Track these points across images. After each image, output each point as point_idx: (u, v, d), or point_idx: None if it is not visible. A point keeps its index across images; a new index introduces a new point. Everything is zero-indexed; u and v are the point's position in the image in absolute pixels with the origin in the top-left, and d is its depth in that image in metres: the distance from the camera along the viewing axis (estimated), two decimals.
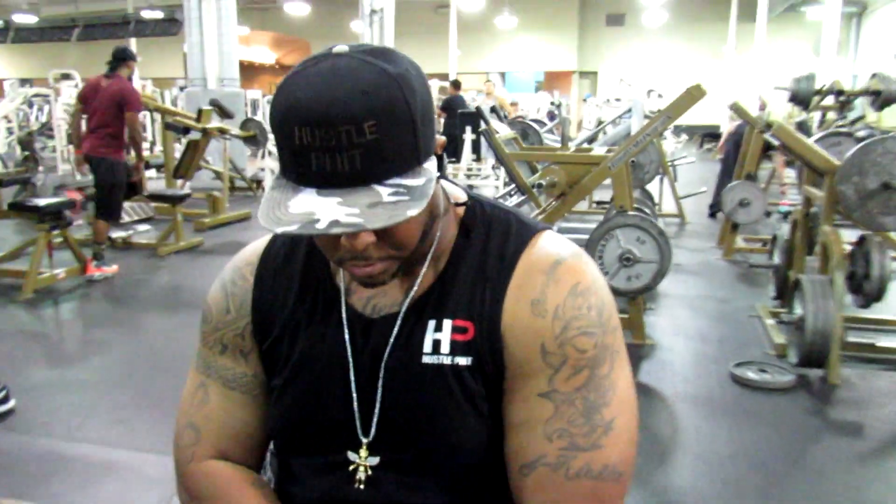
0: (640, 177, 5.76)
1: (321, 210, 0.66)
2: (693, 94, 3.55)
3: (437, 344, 0.82)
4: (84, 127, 5.18)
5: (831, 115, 7.68)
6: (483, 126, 3.86)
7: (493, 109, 8.05)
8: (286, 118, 0.67)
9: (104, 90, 4.96)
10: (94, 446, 2.62)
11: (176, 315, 4.39)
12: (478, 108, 4.24)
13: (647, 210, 5.03)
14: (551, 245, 0.83)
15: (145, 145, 11.78)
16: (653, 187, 7.09)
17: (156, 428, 2.80)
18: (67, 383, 3.27)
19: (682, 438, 2.74)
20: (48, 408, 2.98)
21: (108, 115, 4.93)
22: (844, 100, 6.72)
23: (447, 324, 0.82)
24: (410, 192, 0.68)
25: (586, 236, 5.69)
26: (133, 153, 5.29)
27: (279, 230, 0.66)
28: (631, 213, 3.62)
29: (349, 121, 0.65)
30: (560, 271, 0.80)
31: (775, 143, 4.13)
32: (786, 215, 6.82)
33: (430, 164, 0.72)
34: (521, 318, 0.79)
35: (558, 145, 6.43)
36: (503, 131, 4.50)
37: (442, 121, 9.53)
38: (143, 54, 17.34)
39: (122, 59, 5.03)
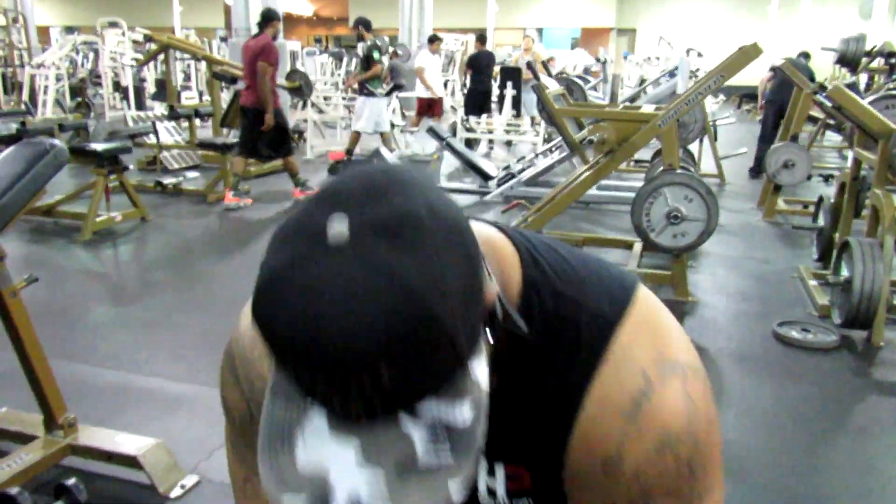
0: (684, 136, 5.65)
1: (336, 471, 0.47)
2: (749, 54, 3.46)
3: (491, 491, 0.68)
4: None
5: (879, 79, 7.42)
6: (532, 81, 3.81)
7: (528, 65, 7.94)
8: (273, 344, 0.48)
9: (248, 49, 5.46)
10: (162, 380, 2.72)
11: (225, 259, 4.47)
12: (529, 64, 4.17)
13: (689, 170, 4.95)
14: (637, 358, 0.61)
15: (192, 93, 11.84)
16: (692, 148, 6.95)
17: (214, 364, 2.88)
18: (130, 321, 3.37)
19: (727, 394, 2.75)
20: (115, 343, 3.08)
21: (250, 70, 5.43)
22: (895, 62, 6.48)
23: (500, 469, 0.67)
24: (452, 440, 0.48)
25: (628, 194, 5.66)
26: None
27: (286, 499, 0.48)
28: (679, 171, 3.57)
29: (358, 366, 0.45)
30: (645, 416, 0.59)
31: (828, 104, 4.01)
32: (827, 178, 6.66)
33: (478, 365, 0.50)
34: (588, 475, 0.61)
35: (602, 102, 6.32)
36: (552, 87, 4.44)
37: (468, 76, 9.38)
38: (185, 4, 17.28)
39: (267, 19, 5.48)
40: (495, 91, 9.50)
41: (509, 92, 7.31)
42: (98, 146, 4.85)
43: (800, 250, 4.80)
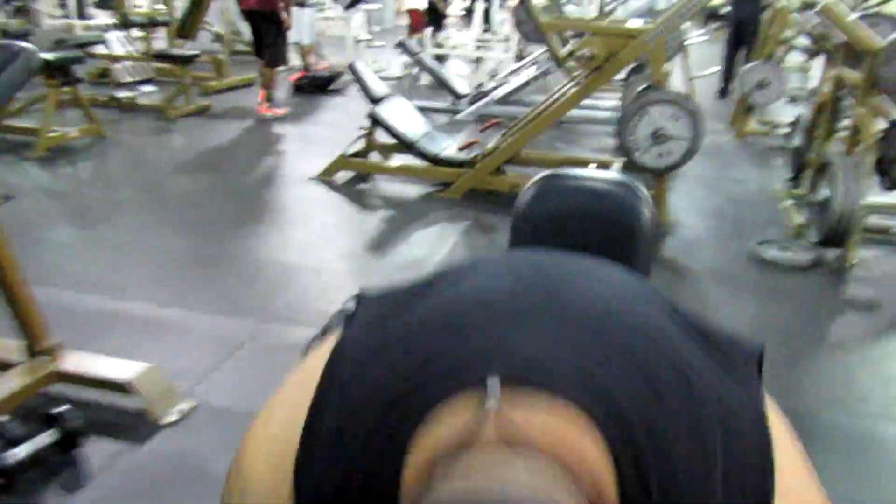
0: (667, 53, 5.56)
1: None
2: None
3: None
4: None
5: None
6: None
7: None
8: None
9: None
10: (144, 304, 2.63)
11: (194, 177, 4.31)
12: None
13: None
14: None
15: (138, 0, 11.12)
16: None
17: (199, 287, 2.82)
18: (100, 242, 3.24)
19: (707, 310, 2.81)
20: (87, 266, 2.97)
21: None
22: None
23: None
24: None
25: (605, 114, 5.60)
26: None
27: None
28: (666, 89, 3.51)
29: None
30: None
31: (810, 23, 3.97)
32: (793, 99, 6.69)
33: None
34: None
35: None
36: None
37: None
38: None
39: None
40: (459, 3, 9.17)
41: (480, 4, 7.04)
42: (48, 55, 4.53)
43: (772, 170, 4.86)
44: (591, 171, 0.99)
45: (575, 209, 0.95)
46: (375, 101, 4.18)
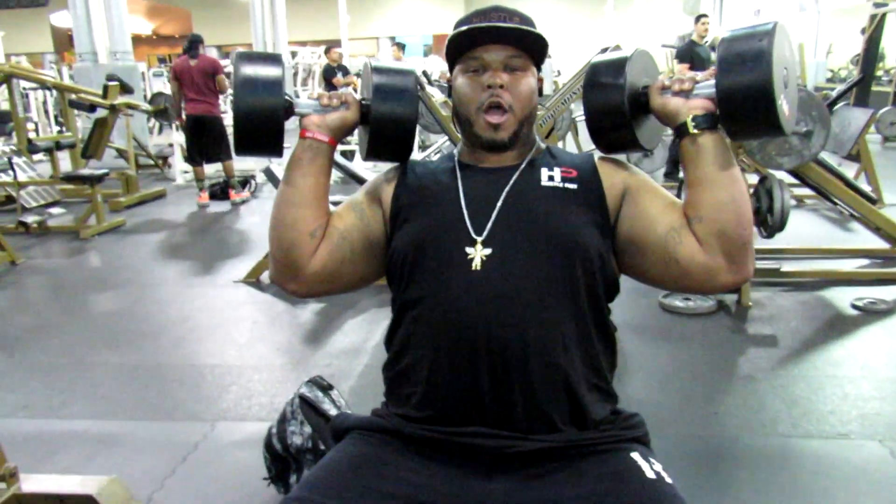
0: (559, 134, 6.09)
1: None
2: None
3: (551, 178, 1.27)
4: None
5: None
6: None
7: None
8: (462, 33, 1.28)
9: (198, 67, 6.56)
10: (87, 421, 2.65)
11: (117, 293, 4.32)
12: (424, 72, 4.35)
13: None
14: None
15: (30, 125, 11.05)
16: (561, 145, 7.46)
17: (143, 397, 2.85)
18: (32, 367, 3.22)
19: (632, 361, 3.08)
20: (21, 392, 2.95)
21: (203, 84, 6.59)
22: None
23: (557, 169, 1.28)
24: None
25: None
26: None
27: (465, 27, 1.25)
28: None
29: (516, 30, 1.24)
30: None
31: None
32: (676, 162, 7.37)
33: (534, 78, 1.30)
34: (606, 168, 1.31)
35: None
36: (436, 95, 4.66)
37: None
38: (6, 28, 16.02)
39: (199, 40, 6.64)
40: None
41: None
42: None
43: None
44: None
45: None
46: None
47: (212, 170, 7.34)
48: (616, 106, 1.25)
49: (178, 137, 8.24)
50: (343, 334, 3.53)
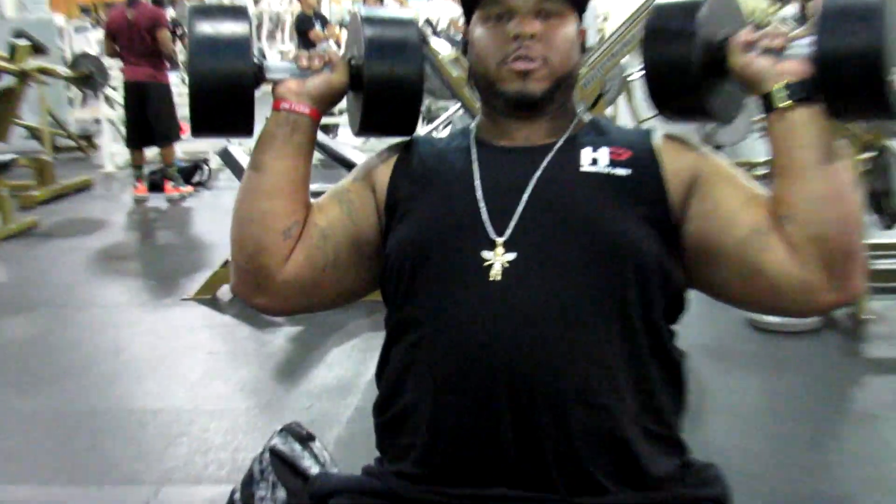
0: (608, 98, 6.07)
1: None
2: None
3: (595, 161, 1.25)
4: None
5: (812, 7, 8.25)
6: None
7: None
8: None
9: (135, 19, 6.58)
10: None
11: (29, 319, 4.32)
12: (427, 21, 4.36)
13: None
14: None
15: None
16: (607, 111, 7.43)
17: (67, 455, 2.84)
18: None
19: (710, 396, 3.05)
20: None
21: (141, 42, 6.62)
22: None
23: (604, 150, 1.26)
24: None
25: None
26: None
27: None
28: None
29: None
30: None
31: None
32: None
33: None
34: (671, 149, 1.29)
35: None
36: (441, 49, 4.66)
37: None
38: None
39: None
40: None
41: None
42: None
43: None
44: None
45: None
46: None
47: (154, 152, 7.39)
48: (684, 62, 1.24)
49: (107, 111, 8.30)
50: (327, 367, 3.53)
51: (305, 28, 9.47)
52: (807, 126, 1.14)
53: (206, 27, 1.27)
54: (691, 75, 1.25)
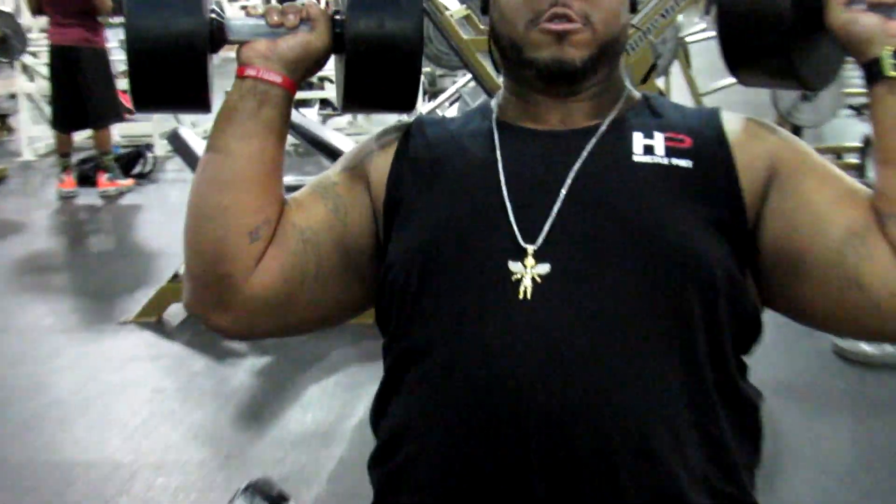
0: (660, 66, 6.09)
1: None
2: None
3: (649, 148, 1.25)
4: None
5: None
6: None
7: None
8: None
9: None
10: None
11: None
12: None
13: None
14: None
15: None
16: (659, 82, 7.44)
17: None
18: None
19: (792, 444, 3.05)
20: None
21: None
22: None
23: (659, 135, 1.26)
24: None
25: None
26: None
27: None
28: None
29: None
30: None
31: None
32: (859, 109, 7.32)
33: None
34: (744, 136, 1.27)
35: None
36: (451, 4, 4.66)
37: None
38: None
39: None
40: None
41: None
42: None
43: None
44: None
45: None
46: None
47: (85, 136, 7.41)
48: (774, 8, 1.23)
49: (26, 84, 8.32)
50: (302, 408, 3.53)
51: None
52: None
53: None
54: (781, 29, 1.24)
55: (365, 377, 3.69)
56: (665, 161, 1.24)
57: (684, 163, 1.24)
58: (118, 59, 7.15)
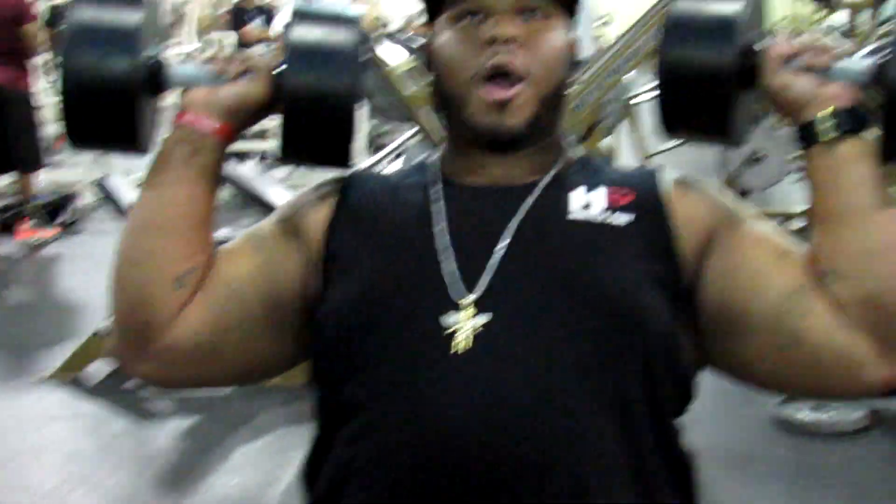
0: (607, 126, 6.17)
1: None
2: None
3: (588, 205, 1.28)
4: None
5: (860, 18, 8.56)
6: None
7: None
8: None
9: None
10: None
11: None
12: (377, 19, 4.39)
13: None
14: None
15: None
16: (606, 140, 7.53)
17: None
18: None
19: None
20: None
21: (6, 37, 6.65)
22: None
23: (601, 190, 1.30)
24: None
25: None
26: None
27: None
28: None
29: None
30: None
31: None
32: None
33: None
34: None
35: None
36: (391, 57, 4.71)
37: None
38: None
39: None
40: None
41: None
42: None
43: None
44: None
45: None
46: None
47: (4, 182, 7.36)
48: (720, 71, 1.26)
49: None
50: (228, 472, 3.51)
51: (238, 24, 9.52)
52: (858, 163, 1.17)
53: (87, 13, 1.29)
54: (725, 87, 1.27)
55: (294, 440, 3.67)
56: (600, 218, 1.27)
57: (625, 217, 1.27)
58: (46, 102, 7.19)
